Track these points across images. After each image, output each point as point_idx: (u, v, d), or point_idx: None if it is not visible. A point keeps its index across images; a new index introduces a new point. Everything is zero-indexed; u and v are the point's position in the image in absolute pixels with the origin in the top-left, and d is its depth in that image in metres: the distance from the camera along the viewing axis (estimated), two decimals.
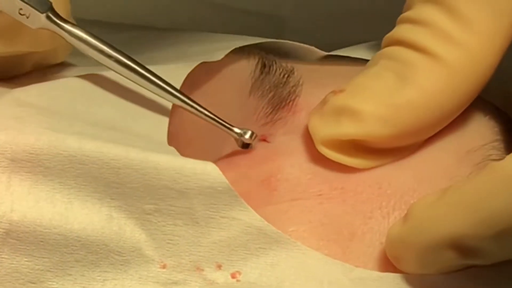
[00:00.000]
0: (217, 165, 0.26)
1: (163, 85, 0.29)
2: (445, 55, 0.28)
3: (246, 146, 0.30)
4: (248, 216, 0.26)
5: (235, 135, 0.30)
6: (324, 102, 0.30)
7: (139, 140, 0.28)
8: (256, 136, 0.30)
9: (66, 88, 0.30)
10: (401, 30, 0.29)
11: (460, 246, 0.25)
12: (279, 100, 0.32)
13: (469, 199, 0.25)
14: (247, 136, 0.30)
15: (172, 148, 0.28)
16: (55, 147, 0.25)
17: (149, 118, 0.30)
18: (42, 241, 0.25)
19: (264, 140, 0.30)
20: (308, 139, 0.30)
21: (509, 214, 0.24)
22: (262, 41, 0.35)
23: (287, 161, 0.29)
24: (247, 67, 0.34)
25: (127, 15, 0.38)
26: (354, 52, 0.35)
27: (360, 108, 0.28)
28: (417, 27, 0.29)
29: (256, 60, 0.34)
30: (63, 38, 0.29)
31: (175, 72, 0.31)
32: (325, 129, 0.29)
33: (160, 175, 0.25)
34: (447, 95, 0.28)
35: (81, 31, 0.29)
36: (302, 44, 0.38)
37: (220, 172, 0.26)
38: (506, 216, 0.24)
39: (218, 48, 0.34)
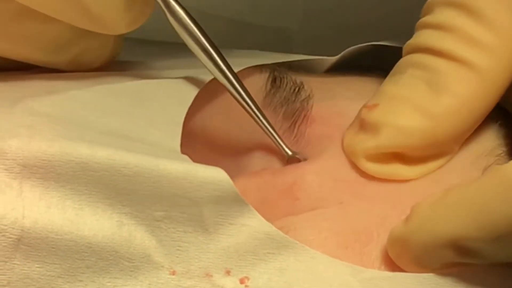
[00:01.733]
0: (242, 172, 0.26)
1: (241, 92, 0.31)
2: (473, 60, 0.28)
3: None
4: (256, 222, 0.26)
5: (286, 155, 0.31)
6: (359, 118, 0.30)
7: (151, 148, 0.28)
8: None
9: (78, 99, 0.30)
10: (425, 37, 0.30)
11: (460, 247, 0.25)
12: (292, 114, 0.32)
13: (471, 202, 0.25)
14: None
15: (185, 156, 0.28)
16: (67, 154, 0.26)
17: (162, 128, 0.30)
18: (53, 248, 0.25)
19: None
20: (328, 149, 0.31)
21: (510, 219, 0.24)
22: (273, 61, 0.36)
23: (309, 169, 0.30)
24: (259, 80, 0.34)
25: (138, 30, 0.38)
26: None
27: (399, 122, 0.28)
28: (441, 32, 0.29)
29: (268, 73, 0.34)
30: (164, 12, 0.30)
31: (189, 86, 0.32)
32: (366, 143, 0.29)
33: (171, 183, 0.26)
34: (480, 100, 0.29)
35: (182, 10, 0.31)
36: (313, 57, 0.38)
37: (231, 181, 0.26)
38: (507, 221, 0.24)
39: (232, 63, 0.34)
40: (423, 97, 0.28)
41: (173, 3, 0.30)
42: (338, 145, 0.31)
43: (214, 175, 0.26)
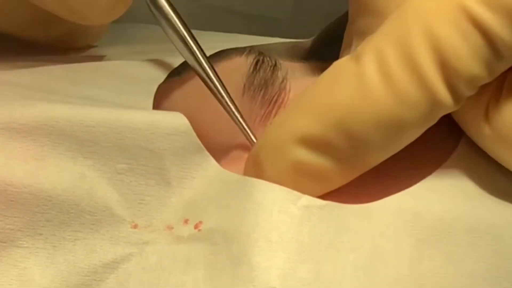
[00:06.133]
0: (222, 163, 0.27)
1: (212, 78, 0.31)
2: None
3: None
4: (214, 171, 0.26)
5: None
6: None
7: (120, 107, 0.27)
8: None
9: (48, 72, 0.30)
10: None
11: (308, 144, 0.26)
12: (270, 97, 0.32)
13: (304, 100, 0.26)
14: None
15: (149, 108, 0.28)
16: (28, 107, 0.25)
17: (134, 94, 0.30)
18: (12, 201, 0.25)
19: None
20: None
21: (339, 104, 0.25)
22: (250, 43, 0.36)
23: None
24: (244, 65, 0.34)
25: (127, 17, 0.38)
26: None
27: None
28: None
29: (252, 58, 0.34)
30: None
31: (159, 68, 0.32)
32: None
33: (134, 134, 0.25)
34: None
35: None
36: (290, 40, 0.38)
37: (193, 132, 0.26)
38: (337, 107, 0.25)
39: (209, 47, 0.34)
40: None
41: None
42: None
43: (176, 126, 0.26)
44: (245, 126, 0.31)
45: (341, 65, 0.26)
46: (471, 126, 0.27)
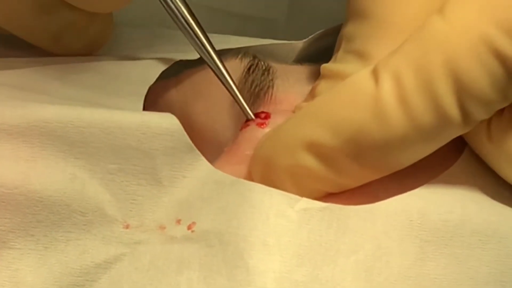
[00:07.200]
0: (220, 158, 0.28)
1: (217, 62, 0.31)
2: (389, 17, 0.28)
3: None
4: (207, 171, 0.26)
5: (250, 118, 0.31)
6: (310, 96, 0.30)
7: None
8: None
9: (40, 73, 0.30)
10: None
11: (316, 152, 0.26)
12: (260, 99, 0.32)
13: (320, 108, 0.26)
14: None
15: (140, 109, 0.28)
16: (18, 108, 0.25)
17: (125, 96, 0.30)
18: (3, 202, 0.25)
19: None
20: None
21: (354, 121, 0.25)
22: (243, 45, 0.36)
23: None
24: (238, 69, 0.34)
25: (120, 17, 0.38)
26: None
27: None
28: None
29: (246, 62, 0.34)
30: None
31: (152, 69, 0.32)
32: None
33: (125, 135, 0.25)
34: None
35: None
36: (281, 42, 0.38)
37: (184, 132, 0.26)
38: (350, 124, 0.25)
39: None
40: (354, 68, 0.28)
41: None
42: None
43: (167, 126, 0.26)
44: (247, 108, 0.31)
45: (360, 81, 0.26)
46: (473, 140, 0.27)
